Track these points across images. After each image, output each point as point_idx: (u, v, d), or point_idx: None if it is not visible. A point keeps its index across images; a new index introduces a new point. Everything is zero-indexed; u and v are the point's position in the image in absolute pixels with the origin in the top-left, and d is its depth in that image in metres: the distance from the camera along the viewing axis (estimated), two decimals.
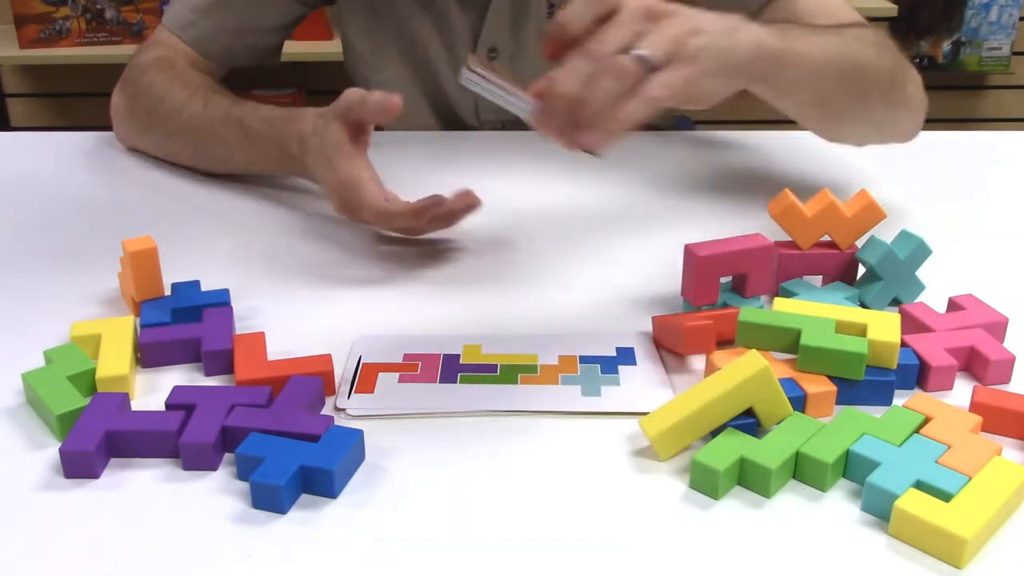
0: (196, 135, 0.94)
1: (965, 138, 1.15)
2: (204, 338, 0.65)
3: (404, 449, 0.57)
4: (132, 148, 1.03)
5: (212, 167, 0.96)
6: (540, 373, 0.64)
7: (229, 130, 0.90)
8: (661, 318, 0.68)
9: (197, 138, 0.94)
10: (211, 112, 0.93)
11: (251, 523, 0.52)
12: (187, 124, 0.94)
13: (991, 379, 0.63)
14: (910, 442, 0.55)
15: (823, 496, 0.54)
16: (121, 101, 1.01)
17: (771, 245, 0.70)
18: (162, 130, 0.97)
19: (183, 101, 0.94)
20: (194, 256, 0.80)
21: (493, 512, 0.53)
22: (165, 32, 1.03)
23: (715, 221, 0.87)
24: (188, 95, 0.95)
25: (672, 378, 0.64)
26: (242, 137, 0.89)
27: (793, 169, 1.00)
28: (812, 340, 0.60)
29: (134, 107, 0.99)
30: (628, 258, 0.81)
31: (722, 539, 0.51)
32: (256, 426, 0.56)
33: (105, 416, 0.57)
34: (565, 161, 1.02)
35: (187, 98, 0.95)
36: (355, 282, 0.77)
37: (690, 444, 0.57)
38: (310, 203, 0.91)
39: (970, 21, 2.28)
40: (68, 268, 0.79)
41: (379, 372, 0.64)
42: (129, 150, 1.03)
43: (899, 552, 0.50)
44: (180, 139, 0.96)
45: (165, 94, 0.96)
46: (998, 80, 2.40)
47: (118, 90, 1.02)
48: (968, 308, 0.68)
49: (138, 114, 0.99)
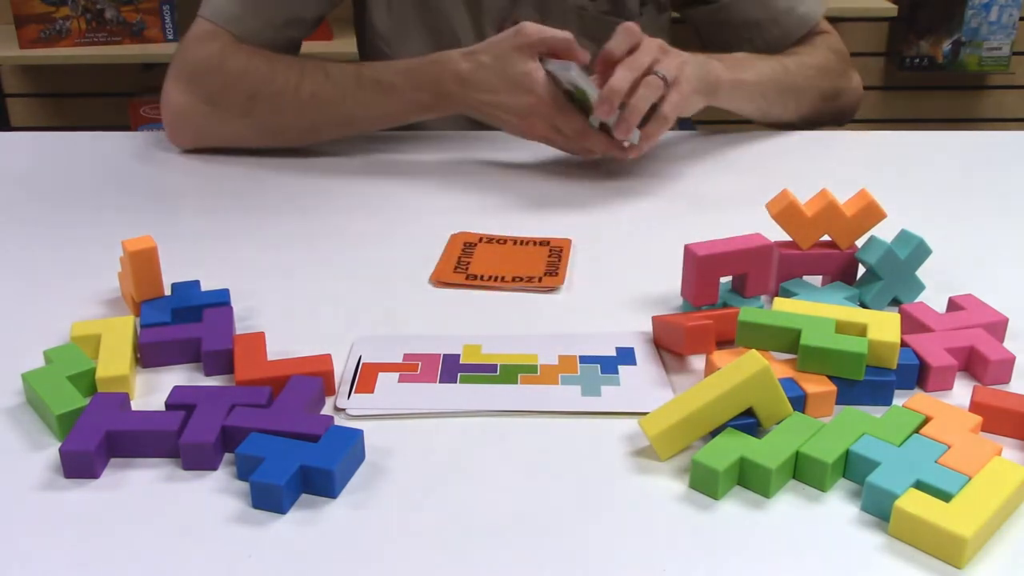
0: (323, 106, 0.99)
1: (965, 138, 1.15)
2: (204, 338, 0.65)
3: (404, 449, 0.57)
4: (198, 148, 1.03)
5: (335, 133, 1.03)
6: (540, 373, 0.64)
7: (366, 92, 0.97)
8: (661, 318, 0.68)
9: (325, 109, 0.99)
10: (338, 79, 0.98)
11: (251, 523, 0.52)
12: (310, 98, 0.98)
13: (991, 379, 0.63)
14: (910, 442, 0.55)
15: (823, 496, 0.54)
16: (194, 98, 1.01)
17: (771, 245, 0.70)
18: (269, 109, 0.99)
19: (297, 79, 0.98)
20: (194, 256, 0.80)
21: (493, 512, 0.53)
22: (210, 25, 1.03)
23: (715, 221, 0.87)
24: (299, 72, 0.98)
25: (672, 378, 0.64)
26: (380, 95, 0.98)
27: (793, 169, 1.00)
28: (812, 340, 0.60)
29: (224, 97, 1.00)
30: (628, 258, 0.81)
31: (722, 539, 0.51)
32: (256, 426, 0.56)
33: (105, 416, 0.57)
34: (565, 161, 1.02)
35: (300, 75, 0.98)
36: (355, 282, 0.77)
37: (690, 444, 0.57)
38: (310, 203, 0.91)
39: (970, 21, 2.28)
40: (68, 268, 0.79)
41: (379, 372, 0.64)
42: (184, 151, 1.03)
43: (899, 552, 0.50)
44: (296, 115, 0.99)
45: (272, 75, 0.99)
46: (998, 80, 2.40)
47: (182, 89, 1.01)
48: (968, 308, 0.68)
49: (234, 101, 1.00)
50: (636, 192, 0.95)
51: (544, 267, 0.78)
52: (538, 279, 0.76)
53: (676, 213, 0.90)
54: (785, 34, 1.13)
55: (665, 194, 0.95)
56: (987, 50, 2.31)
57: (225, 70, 1.00)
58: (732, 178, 0.98)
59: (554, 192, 0.95)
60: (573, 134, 0.95)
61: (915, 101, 2.39)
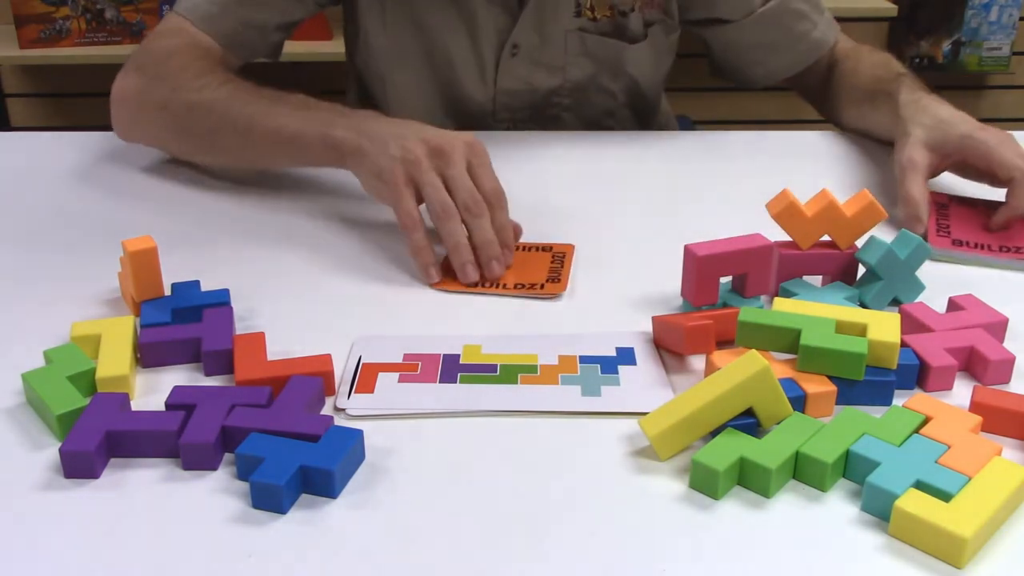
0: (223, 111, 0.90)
1: None
2: (204, 338, 0.65)
3: (404, 449, 0.57)
4: (131, 139, 0.99)
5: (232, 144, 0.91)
6: (540, 373, 0.64)
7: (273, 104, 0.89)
8: (661, 318, 0.68)
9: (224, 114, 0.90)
10: (252, 98, 0.89)
11: (251, 523, 0.52)
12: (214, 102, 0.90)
13: (991, 379, 0.63)
14: (910, 442, 0.55)
15: (823, 496, 0.54)
16: (136, 84, 0.96)
17: (771, 245, 0.70)
18: (184, 108, 0.92)
19: (219, 91, 0.91)
20: (194, 256, 0.80)
21: (493, 512, 0.53)
22: (181, 20, 0.99)
23: (715, 221, 0.87)
24: (228, 86, 0.91)
25: (672, 378, 0.64)
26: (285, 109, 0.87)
27: (793, 169, 1.00)
28: (812, 340, 0.60)
29: (153, 88, 0.94)
30: (628, 258, 0.81)
31: (722, 539, 0.51)
32: (256, 426, 0.56)
33: (105, 416, 0.57)
34: (565, 162, 1.02)
35: (224, 87, 0.91)
36: (355, 282, 0.77)
37: (690, 444, 0.57)
38: (310, 203, 0.91)
39: (970, 21, 2.27)
40: (68, 268, 0.79)
41: (379, 372, 0.64)
42: (128, 144, 1.00)
43: (899, 552, 0.50)
44: (203, 117, 0.91)
45: (200, 81, 0.92)
46: (998, 80, 2.40)
47: (131, 74, 0.96)
48: (968, 308, 0.68)
49: (159, 95, 0.93)
50: (636, 192, 0.95)
51: (547, 273, 0.78)
52: (540, 286, 0.76)
53: (676, 213, 0.90)
54: (797, 60, 1.11)
55: (665, 194, 0.95)
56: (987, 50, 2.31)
57: (167, 65, 0.95)
58: (732, 178, 0.98)
59: (554, 193, 0.95)
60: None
61: None
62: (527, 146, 1.02)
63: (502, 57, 1.06)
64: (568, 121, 1.12)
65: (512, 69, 1.07)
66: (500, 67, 1.07)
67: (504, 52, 1.06)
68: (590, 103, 1.12)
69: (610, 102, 1.13)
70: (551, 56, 1.07)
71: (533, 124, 1.12)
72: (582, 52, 1.07)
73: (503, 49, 1.06)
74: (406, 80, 1.10)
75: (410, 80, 1.10)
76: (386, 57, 1.09)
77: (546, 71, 1.08)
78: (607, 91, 1.12)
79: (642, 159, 1.02)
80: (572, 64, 1.08)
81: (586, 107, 1.12)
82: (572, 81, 1.09)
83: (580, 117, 1.12)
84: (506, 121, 1.11)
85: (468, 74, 1.08)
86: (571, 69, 1.08)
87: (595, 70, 1.09)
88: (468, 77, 1.08)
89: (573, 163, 1.02)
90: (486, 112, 1.10)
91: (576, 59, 1.07)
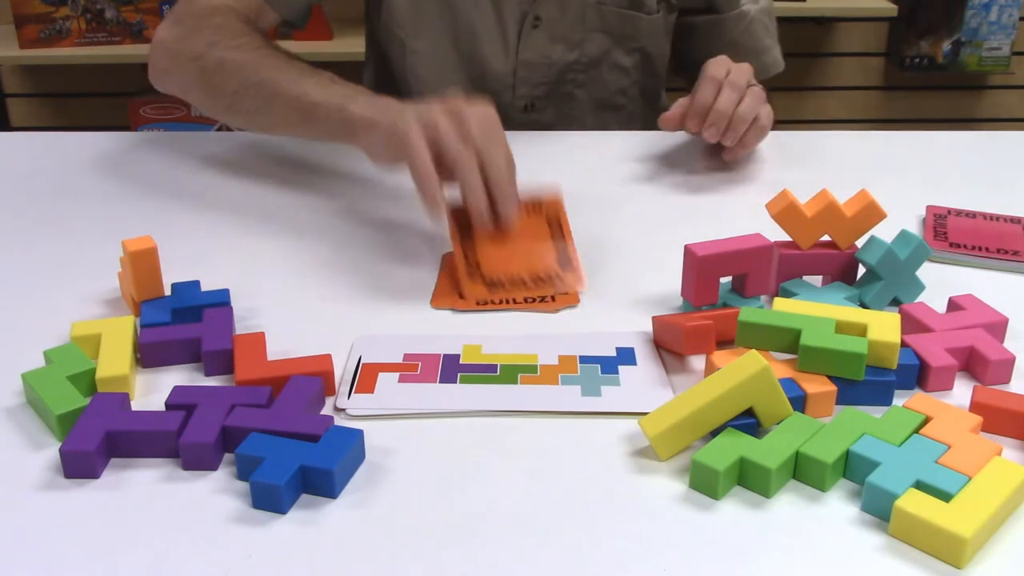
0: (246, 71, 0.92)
1: (965, 138, 1.15)
2: (204, 338, 0.65)
3: (404, 449, 0.57)
4: (163, 86, 1.00)
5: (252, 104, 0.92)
6: (540, 373, 0.64)
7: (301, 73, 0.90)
8: (661, 318, 0.68)
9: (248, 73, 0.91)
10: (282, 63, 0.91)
11: (251, 523, 0.52)
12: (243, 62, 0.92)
13: (991, 379, 0.63)
14: (910, 442, 0.55)
15: (823, 496, 0.54)
16: (175, 33, 0.97)
17: (771, 245, 0.70)
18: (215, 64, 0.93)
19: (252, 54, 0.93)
20: (194, 256, 0.80)
21: (493, 512, 0.53)
22: None
23: (715, 221, 0.87)
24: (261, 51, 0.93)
25: (672, 378, 0.64)
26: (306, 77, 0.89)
27: (793, 169, 1.00)
28: (812, 340, 0.60)
29: (191, 39, 0.95)
30: (628, 258, 0.81)
31: (722, 539, 0.51)
32: (256, 426, 0.56)
33: (105, 416, 0.57)
34: (565, 162, 1.02)
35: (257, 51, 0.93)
36: (355, 282, 0.77)
37: (690, 444, 0.57)
38: (311, 203, 0.91)
39: (970, 21, 2.27)
40: (68, 268, 0.79)
41: (379, 372, 0.64)
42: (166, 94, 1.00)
43: (899, 552, 0.50)
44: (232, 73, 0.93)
45: (236, 41, 0.94)
46: (998, 80, 2.40)
47: (170, 24, 0.98)
48: (968, 308, 0.68)
49: (196, 47, 0.95)
50: (636, 192, 0.95)
51: (554, 264, 0.76)
52: (551, 298, 0.75)
53: (676, 213, 0.90)
54: (758, 70, 1.14)
55: (665, 194, 0.95)
56: (987, 50, 2.31)
57: (208, 20, 0.96)
58: (732, 178, 0.98)
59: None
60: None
61: (915, 101, 2.39)
62: (527, 146, 1.02)
63: (524, 29, 1.08)
64: (581, 99, 1.15)
65: (533, 41, 1.09)
66: (522, 39, 1.09)
67: (526, 24, 1.08)
68: (603, 80, 1.14)
69: (623, 80, 1.16)
70: (570, 29, 1.09)
71: (548, 102, 1.14)
72: (600, 27, 1.10)
73: (524, 20, 1.08)
74: (427, 48, 1.11)
75: (430, 49, 1.11)
76: (408, 24, 1.11)
77: (564, 45, 1.10)
78: (620, 67, 1.14)
79: (642, 159, 1.02)
80: (589, 40, 1.11)
81: (599, 84, 1.15)
82: (588, 56, 1.12)
83: (592, 96, 1.15)
84: (524, 98, 1.13)
85: (490, 44, 1.10)
86: (587, 44, 1.11)
87: (610, 45, 1.12)
88: (490, 47, 1.10)
89: (573, 163, 1.02)
90: (506, 86, 1.12)
91: (593, 35, 1.10)
